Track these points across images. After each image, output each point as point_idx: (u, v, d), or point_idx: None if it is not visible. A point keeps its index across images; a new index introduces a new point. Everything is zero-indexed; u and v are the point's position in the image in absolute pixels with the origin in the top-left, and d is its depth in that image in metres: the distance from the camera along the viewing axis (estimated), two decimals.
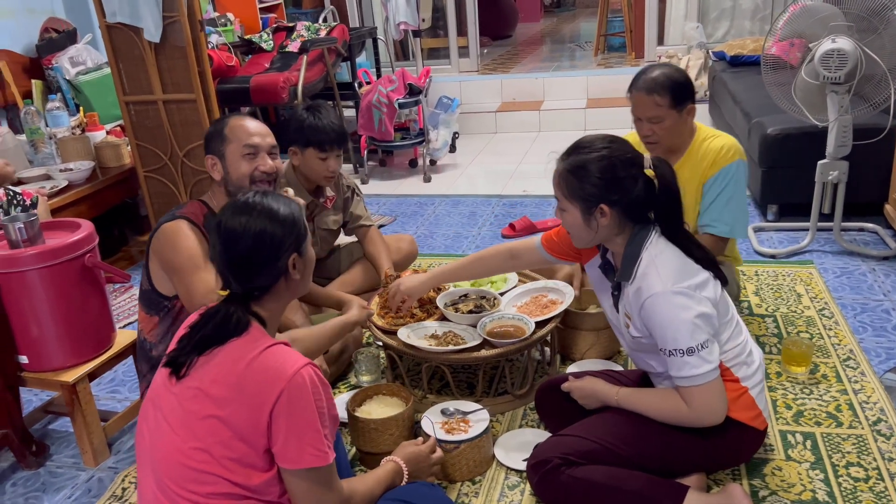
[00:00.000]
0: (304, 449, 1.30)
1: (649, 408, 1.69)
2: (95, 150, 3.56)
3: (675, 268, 1.61)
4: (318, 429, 1.31)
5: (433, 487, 1.66)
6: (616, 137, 1.68)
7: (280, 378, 1.29)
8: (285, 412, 1.28)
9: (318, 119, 2.46)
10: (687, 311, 1.56)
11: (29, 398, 2.48)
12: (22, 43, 3.99)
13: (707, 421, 1.62)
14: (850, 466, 1.84)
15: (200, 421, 1.30)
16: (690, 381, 1.58)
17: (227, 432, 1.29)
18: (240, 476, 1.31)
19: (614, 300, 1.77)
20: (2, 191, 2.78)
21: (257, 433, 1.29)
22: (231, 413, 1.29)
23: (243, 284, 1.38)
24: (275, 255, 1.38)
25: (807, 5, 2.80)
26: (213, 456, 1.30)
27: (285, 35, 4.98)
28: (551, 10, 11.62)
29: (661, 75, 2.20)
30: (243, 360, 1.31)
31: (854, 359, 2.30)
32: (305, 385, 1.30)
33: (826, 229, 3.18)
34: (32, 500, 2.02)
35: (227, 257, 1.37)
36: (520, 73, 6.29)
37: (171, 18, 3.10)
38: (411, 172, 4.91)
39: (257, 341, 1.34)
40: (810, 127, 2.97)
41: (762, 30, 5.65)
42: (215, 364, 1.32)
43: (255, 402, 1.29)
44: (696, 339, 1.56)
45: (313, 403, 1.30)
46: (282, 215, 1.40)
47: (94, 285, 2.10)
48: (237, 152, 1.98)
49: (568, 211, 1.68)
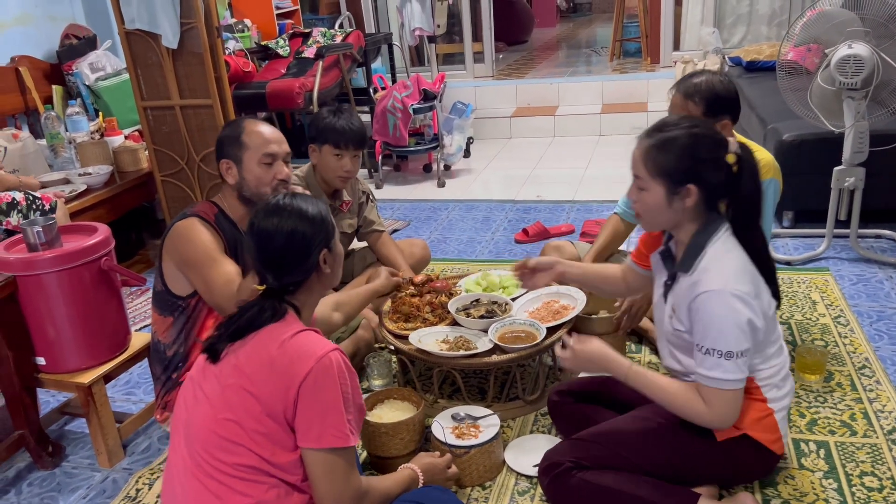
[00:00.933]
0: (326, 429, 1.36)
1: (663, 392, 1.62)
2: (114, 154, 3.60)
3: (738, 270, 1.56)
4: (342, 411, 1.37)
5: (446, 492, 1.67)
6: (701, 119, 1.63)
7: (310, 358, 1.36)
8: (311, 391, 1.35)
9: (337, 118, 2.51)
10: (739, 315, 1.52)
11: (46, 399, 2.52)
12: (43, 49, 4.06)
13: (716, 425, 1.61)
14: (864, 476, 1.82)
15: (235, 394, 1.38)
16: (718, 384, 1.55)
17: (258, 407, 1.37)
18: (266, 451, 1.37)
19: (665, 289, 1.72)
20: (21, 195, 2.83)
21: (285, 410, 1.36)
22: (262, 389, 1.37)
23: (279, 280, 1.47)
24: (306, 252, 1.47)
25: (824, 10, 2.78)
26: (243, 428, 1.37)
27: (301, 41, 5.02)
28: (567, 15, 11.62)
29: (704, 82, 2.15)
30: (277, 341, 1.39)
31: (869, 367, 2.28)
32: (332, 367, 1.37)
33: (842, 236, 3.15)
34: (48, 499, 2.05)
35: (263, 256, 1.47)
36: (535, 78, 6.29)
37: (189, 25, 3.14)
38: (426, 177, 4.92)
39: (291, 326, 1.43)
40: (826, 133, 2.95)
41: (779, 35, 5.61)
42: (252, 345, 1.41)
43: (284, 379, 1.36)
44: (739, 346, 1.53)
45: (339, 386, 1.37)
46: (311, 214, 1.49)
47: (111, 288, 2.13)
48: (255, 159, 1.99)
49: (650, 190, 1.59)
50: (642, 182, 1.60)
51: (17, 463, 2.21)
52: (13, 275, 2.00)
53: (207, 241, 1.92)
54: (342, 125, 2.50)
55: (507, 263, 3.31)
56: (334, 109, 2.56)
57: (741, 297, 1.53)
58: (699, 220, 1.61)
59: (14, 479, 2.15)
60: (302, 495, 1.41)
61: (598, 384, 1.96)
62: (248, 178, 2.00)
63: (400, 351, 2.19)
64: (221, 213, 2.02)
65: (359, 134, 2.53)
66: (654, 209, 1.60)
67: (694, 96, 2.14)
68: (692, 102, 2.14)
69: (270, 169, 2.01)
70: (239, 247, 1.96)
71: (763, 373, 1.64)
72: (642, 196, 1.61)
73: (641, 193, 1.62)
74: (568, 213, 3.95)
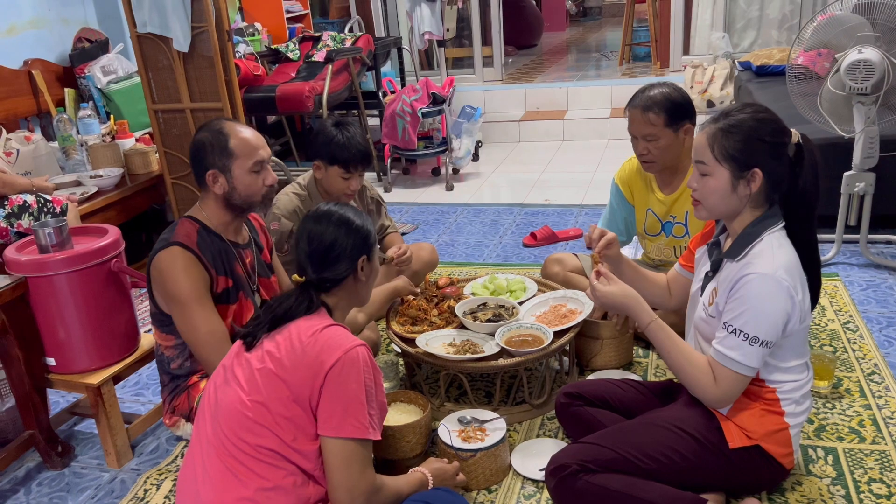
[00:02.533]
0: (347, 419, 1.41)
1: (680, 353, 1.64)
2: (125, 157, 3.63)
3: (790, 264, 1.57)
4: (363, 403, 1.43)
5: (454, 494, 1.67)
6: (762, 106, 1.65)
7: (338, 349, 1.43)
8: (336, 380, 1.41)
9: (345, 138, 2.47)
10: (778, 304, 1.53)
11: (56, 400, 2.53)
12: (56, 52, 4.10)
13: (713, 403, 1.65)
14: (872, 483, 1.81)
15: (265, 377, 1.44)
16: (734, 366, 1.55)
17: (287, 392, 1.43)
18: (289, 436, 1.42)
19: (705, 281, 1.72)
20: (33, 198, 2.85)
21: (311, 397, 1.42)
22: (292, 375, 1.43)
23: (318, 274, 1.56)
24: (347, 255, 1.57)
25: (834, 15, 2.77)
26: (270, 411, 1.42)
27: (311, 45, 5.04)
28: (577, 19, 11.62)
29: (659, 94, 2.21)
30: (309, 331, 1.46)
31: (879, 373, 2.27)
32: (358, 360, 1.43)
33: (852, 241, 3.14)
34: (57, 499, 2.07)
35: (310, 249, 1.57)
36: (544, 82, 6.29)
37: (200, 29, 3.16)
38: (434, 181, 4.93)
39: (323, 320, 1.51)
40: (836, 138, 2.94)
41: (789, 40, 5.59)
42: (285, 333, 1.48)
43: (313, 367, 1.42)
44: (767, 335, 1.53)
45: (363, 379, 1.43)
46: (357, 224, 1.60)
47: (120, 290, 2.14)
48: (245, 167, 1.92)
49: (714, 175, 1.59)
50: (707, 167, 1.60)
51: (27, 463, 2.23)
52: (24, 276, 2.02)
53: (189, 282, 1.85)
54: (351, 146, 2.46)
55: (514, 267, 3.31)
56: (340, 124, 2.51)
57: (787, 288, 1.53)
58: (757, 211, 1.62)
59: (24, 478, 2.16)
60: (318, 487, 1.45)
61: (606, 388, 1.95)
62: (238, 187, 1.93)
63: (407, 354, 2.20)
64: (203, 228, 1.94)
65: (366, 155, 2.52)
66: (718, 194, 1.60)
67: (652, 108, 2.20)
68: (652, 114, 2.20)
69: (259, 176, 1.95)
70: (226, 258, 1.94)
71: (785, 386, 1.64)
72: (705, 182, 1.62)
73: (705, 179, 1.62)
74: (576, 217, 3.95)
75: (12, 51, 3.81)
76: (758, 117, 1.59)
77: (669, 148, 2.23)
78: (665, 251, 2.52)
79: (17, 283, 2.02)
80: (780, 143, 1.58)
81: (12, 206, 2.79)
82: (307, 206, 2.60)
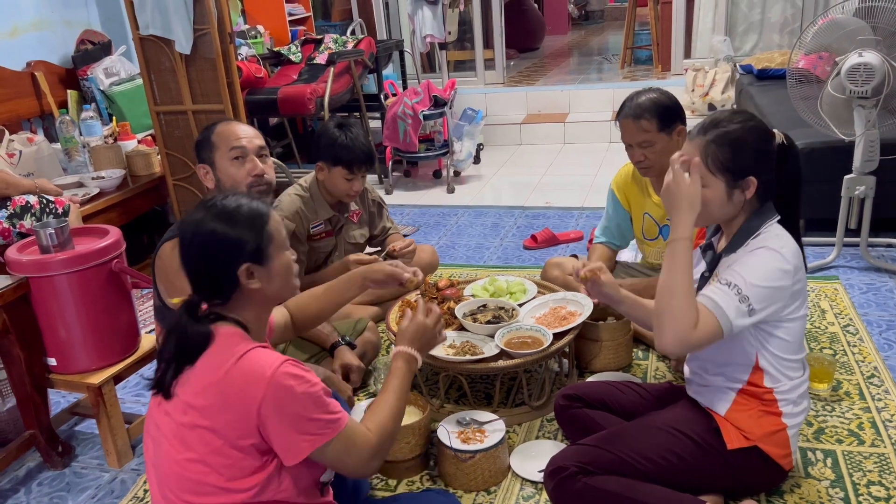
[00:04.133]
0: (302, 440, 1.30)
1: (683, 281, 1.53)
2: (127, 158, 3.64)
3: (793, 250, 1.59)
4: (311, 417, 1.30)
5: (447, 495, 1.67)
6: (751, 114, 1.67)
7: (259, 381, 1.27)
8: (274, 414, 1.28)
9: (349, 139, 2.48)
10: (776, 278, 1.54)
11: (57, 400, 2.54)
12: (59, 54, 4.11)
13: (681, 346, 1.52)
14: (871, 485, 1.81)
15: (191, 432, 1.30)
16: (717, 312, 1.51)
17: (219, 441, 1.29)
18: (240, 482, 1.31)
19: (702, 282, 1.72)
20: (35, 199, 2.87)
21: (249, 436, 1.29)
22: (218, 422, 1.29)
23: (197, 293, 1.37)
24: (223, 266, 1.34)
25: (835, 19, 2.78)
26: (209, 466, 1.30)
27: (313, 47, 5.05)
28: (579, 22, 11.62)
29: (647, 100, 2.24)
30: (221, 368, 1.29)
31: (878, 376, 2.27)
32: (287, 384, 1.28)
33: (852, 245, 3.14)
34: (57, 499, 2.07)
35: (183, 264, 1.37)
36: (545, 85, 6.30)
37: (202, 31, 3.17)
38: (435, 183, 4.94)
39: (233, 348, 1.31)
40: (837, 141, 2.94)
41: (790, 43, 5.59)
42: (196, 376, 1.32)
43: (239, 407, 1.28)
44: (756, 299, 1.52)
45: (301, 396, 1.29)
46: (233, 222, 1.35)
47: (121, 290, 2.15)
48: (225, 157, 1.96)
49: (710, 186, 1.58)
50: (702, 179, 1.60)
51: (28, 462, 2.23)
52: (26, 276, 2.03)
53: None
54: (354, 147, 2.47)
55: (515, 270, 3.31)
56: (343, 126, 2.52)
57: (786, 264, 1.55)
58: (751, 210, 1.64)
59: (24, 478, 2.17)
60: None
61: (605, 390, 1.96)
62: (222, 178, 1.97)
63: None
64: None
65: (370, 156, 2.53)
66: (714, 204, 1.61)
67: (643, 115, 2.23)
68: (644, 121, 2.23)
69: (243, 165, 1.96)
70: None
71: (782, 386, 1.64)
72: (703, 192, 1.60)
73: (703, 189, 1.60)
74: (577, 219, 3.95)
75: (15, 52, 3.83)
76: (746, 126, 1.60)
77: (665, 151, 2.24)
78: (663, 254, 2.52)
79: (19, 283, 2.02)
80: (769, 149, 1.60)
81: (15, 207, 2.80)
82: (309, 208, 2.61)
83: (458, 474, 1.90)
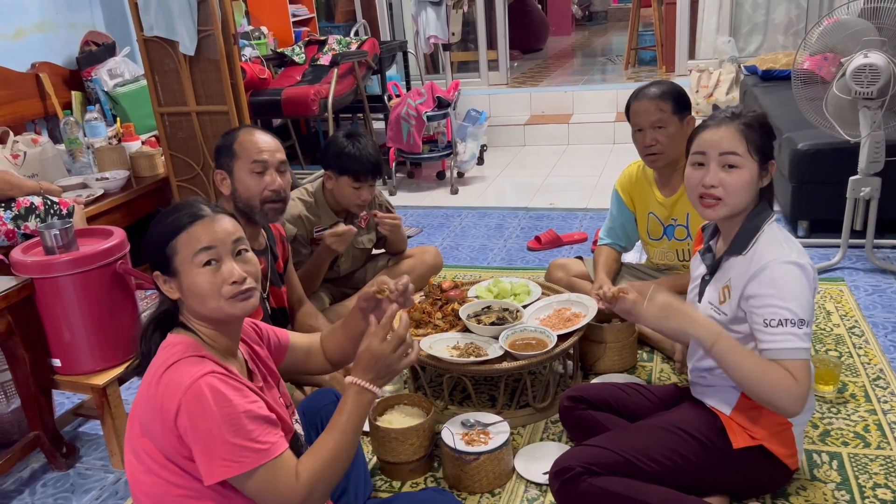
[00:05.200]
0: (213, 461, 1.21)
1: (752, 369, 1.52)
2: (130, 159, 3.64)
3: (800, 247, 1.61)
4: (226, 439, 1.20)
5: (445, 493, 1.66)
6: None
7: (177, 391, 1.21)
8: (189, 427, 1.20)
9: (356, 149, 2.48)
10: (806, 285, 1.55)
11: (61, 401, 2.54)
12: (63, 56, 4.12)
13: (801, 402, 1.51)
14: (877, 488, 1.81)
15: (139, 446, 1.28)
16: (801, 355, 1.51)
17: (160, 455, 1.26)
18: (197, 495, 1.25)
19: (702, 285, 1.73)
20: (40, 200, 2.87)
21: (178, 451, 1.24)
22: (154, 434, 1.25)
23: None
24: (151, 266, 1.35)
25: (840, 20, 2.77)
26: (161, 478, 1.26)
27: (317, 48, 5.05)
28: (582, 23, 11.61)
29: (664, 83, 2.34)
30: (154, 378, 1.25)
31: (884, 378, 2.26)
32: (204, 396, 1.20)
33: (858, 246, 3.13)
34: (61, 500, 2.07)
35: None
36: (549, 86, 6.30)
37: (206, 32, 3.18)
38: (439, 184, 4.94)
39: (168, 358, 1.26)
40: (842, 142, 2.93)
41: (795, 44, 5.57)
42: (140, 388, 1.29)
43: (162, 418, 1.22)
44: (808, 315, 1.53)
45: (217, 413, 1.19)
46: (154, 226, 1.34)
47: (125, 291, 2.15)
48: (245, 168, 1.96)
49: (744, 168, 1.61)
50: (740, 159, 1.61)
51: (32, 463, 2.23)
52: (30, 277, 2.03)
53: None
54: (362, 157, 2.47)
55: (518, 271, 3.31)
56: (350, 134, 2.52)
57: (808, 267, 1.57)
58: (751, 209, 1.67)
59: (28, 479, 2.17)
60: None
61: (610, 392, 1.95)
62: (239, 188, 1.97)
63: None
64: None
65: (377, 166, 2.53)
66: (745, 187, 1.63)
67: (661, 96, 2.29)
68: (661, 101, 2.29)
69: (262, 178, 1.96)
70: None
71: None
72: (733, 175, 1.62)
73: (733, 172, 1.62)
74: (581, 221, 3.95)
75: (20, 54, 3.83)
76: (762, 114, 1.69)
77: (676, 137, 2.29)
78: (668, 255, 2.53)
79: (24, 284, 2.02)
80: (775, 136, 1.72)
81: (19, 209, 2.81)
82: (313, 213, 2.61)
83: (463, 476, 1.89)
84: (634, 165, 2.55)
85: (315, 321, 2.26)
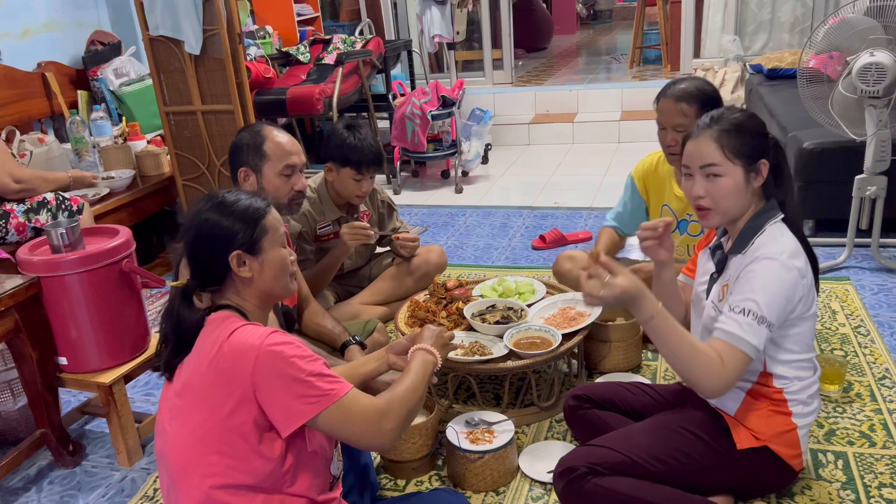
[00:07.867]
0: (298, 403, 1.29)
1: (685, 342, 1.51)
2: (136, 158, 3.66)
3: (795, 249, 1.59)
4: (306, 379, 1.29)
5: (457, 495, 1.67)
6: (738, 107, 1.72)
7: (250, 350, 1.29)
8: (268, 379, 1.28)
9: (358, 140, 2.50)
10: (784, 286, 1.54)
11: (67, 399, 2.55)
12: (69, 55, 4.13)
13: (721, 389, 1.53)
14: (882, 487, 1.80)
15: (192, 413, 1.32)
16: (741, 345, 1.51)
17: (214, 419, 1.30)
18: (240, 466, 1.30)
19: (710, 283, 1.73)
20: (52, 195, 2.90)
21: (246, 410, 1.29)
22: (214, 399, 1.30)
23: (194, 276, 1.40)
24: (215, 251, 1.38)
25: (846, 18, 2.76)
26: (209, 447, 1.31)
27: (322, 47, 5.06)
28: (587, 22, 11.59)
29: (692, 86, 2.25)
30: (215, 345, 1.32)
31: (889, 377, 2.25)
32: (277, 347, 1.29)
33: (863, 245, 3.12)
34: (68, 498, 2.08)
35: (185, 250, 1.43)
36: (554, 85, 6.29)
37: (212, 31, 3.18)
38: (443, 183, 4.94)
39: (226, 327, 1.34)
40: (847, 141, 2.92)
41: (801, 43, 5.56)
42: (195, 357, 1.35)
43: (233, 379, 1.29)
44: (772, 316, 1.52)
45: (290, 358, 1.29)
46: (229, 211, 1.40)
47: (131, 290, 2.16)
48: (275, 170, 2.04)
49: (727, 175, 1.60)
50: (719, 168, 1.61)
51: (39, 461, 2.25)
52: (37, 276, 2.04)
53: None
54: (363, 148, 2.49)
55: (523, 270, 3.31)
56: (352, 127, 2.53)
57: (791, 269, 1.55)
58: (756, 205, 1.66)
59: (35, 476, 2.18)
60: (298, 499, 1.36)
61: (615, 391, 1.95)
62: (267, 187, 2.04)
63: None
64: None
65: (378, 157, 2.55)
66: (732, 193, 1.62)
67: (686, 99, 2.23)
68: (685, 104, 2.23)
69: (289, 180, 2.04)
70: None
71: (792, 385, 1.64)
72: (718, 184, 1.62)
73: (717, 181, 1.62)
74: (585, 220, 3.94)
75: (26, 53, 3.85)
76: (747, 114, 1.67)
77: None
78: (678, 249, 2.52)
79: (30, 282, 2.03)
80: (769, 133, 1.68)
81: (32, 203, 2.85)
82: (317, 209, 2.61)
83: (467, 475, 1.89)
84: (655, 156, 2.54)
85: (322, 320, 2.27)
